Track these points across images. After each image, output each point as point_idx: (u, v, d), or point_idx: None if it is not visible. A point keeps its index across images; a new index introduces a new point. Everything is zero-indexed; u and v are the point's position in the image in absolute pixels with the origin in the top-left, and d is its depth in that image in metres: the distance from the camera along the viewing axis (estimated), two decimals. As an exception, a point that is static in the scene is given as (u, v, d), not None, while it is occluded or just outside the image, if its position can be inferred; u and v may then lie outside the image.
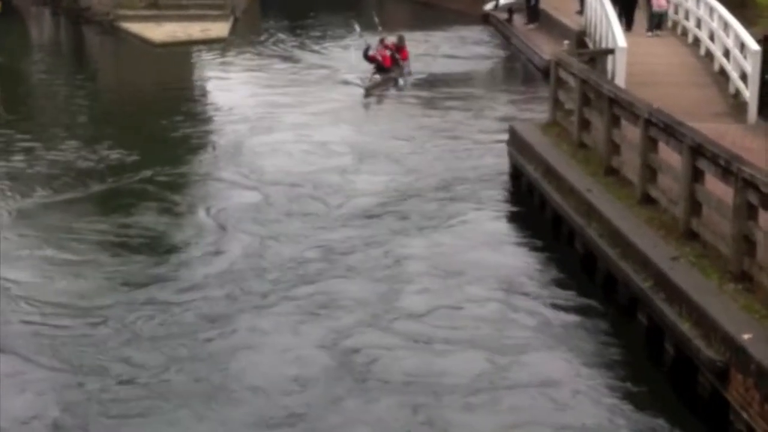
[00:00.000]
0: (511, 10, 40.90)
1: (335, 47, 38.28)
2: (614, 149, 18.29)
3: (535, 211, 19.81)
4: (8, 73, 34.42)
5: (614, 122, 18.21)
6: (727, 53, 24.91)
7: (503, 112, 28.29)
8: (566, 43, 26.10)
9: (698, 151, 14.73)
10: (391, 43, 32.25)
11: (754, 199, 13.23)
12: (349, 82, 31.59)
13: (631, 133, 17.66)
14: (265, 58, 36.98)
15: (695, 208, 15.01)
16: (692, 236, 14.99)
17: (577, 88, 20.08)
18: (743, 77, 23.24)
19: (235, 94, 30.94)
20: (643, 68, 24.83)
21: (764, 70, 22.84)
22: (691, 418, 12.80)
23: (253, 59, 36.87)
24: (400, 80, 31.77)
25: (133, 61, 39.11)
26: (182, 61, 37.80)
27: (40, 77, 35.00)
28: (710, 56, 26.77)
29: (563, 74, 21.33)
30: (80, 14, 44.49)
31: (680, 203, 15.27)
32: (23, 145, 24.81)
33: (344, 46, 38.06)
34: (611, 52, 24.50)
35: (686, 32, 30.00)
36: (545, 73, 28.99)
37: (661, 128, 16.10)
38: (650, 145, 16.55)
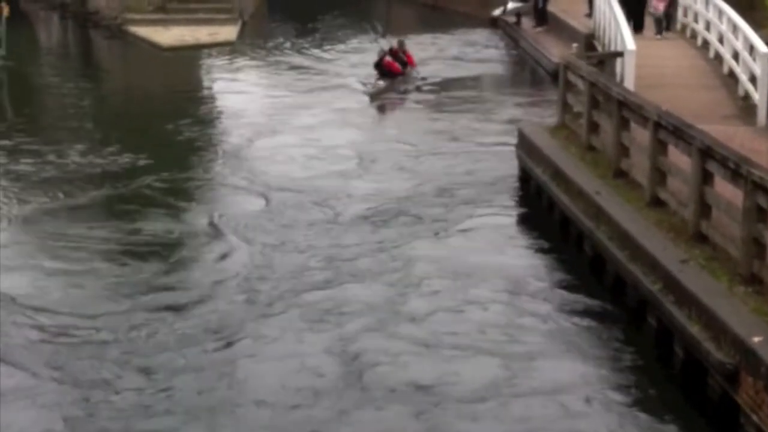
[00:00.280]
0: (519, 14, 40.86)
1: (343, 51, 38.25)
2: (623, 152, 18.25)
3: (543, 213, 19.77)
4: (17, 76, 34.43)
5: (623, 125, 18.18)
6: (736, 56, 24.87)
7: (511, 114, 28.24)
8: (575, 45, 26.11)
9: (707, 153, 14.69)
10: (393, 49, 32.06)
11: (763, 201, 13.19)
12: (356, 86, 31.55)
13: (640, 135, 17.63)
14: (272, 61, 36.97)
15: (705, 210, 14.96)
16: (702, 239, 14.95)
17: (586, 90, 20.04)
18: (752, 80, 23.18)
19: (242, 98, 30.92)
20: (652, 71, 24.78)
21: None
22: (700, 421, 12.75)
23: (260, 63, 36.87)
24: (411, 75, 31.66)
25: (140, 65, 39.12)
26: (190, 65, 37.81)
27: (48, 81, 35.01)
28: (719, 59, 26.74)
29: (572, 77, 21.30)
30: (88, 18, 44.52)
31: (690, 206, 15.24)
32: (30, 148, 24.79)
33: (352, 49, 38.07)
34: (620, 54, 24.47)
35: (695, 35, 29.96)
36: (554, 76, 28.94)
37: (670, 131, 16.07)
38: (659, 147, 16.51)
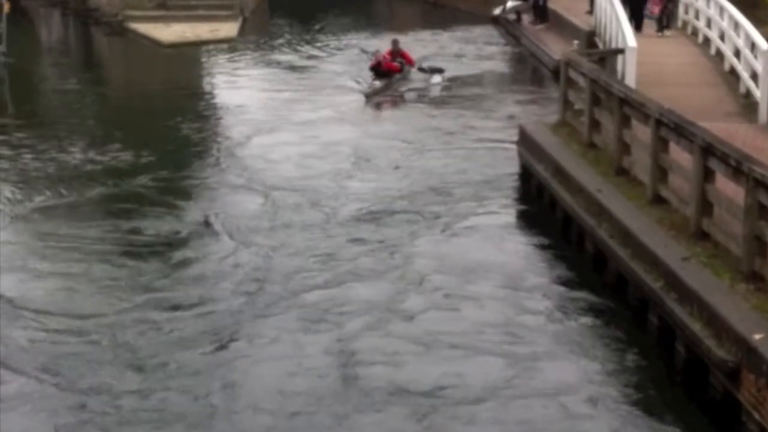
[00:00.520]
0: (518, 12, 40.91)
1: (343, 48, 38.24)
2: (625, 149, 18.23)
3: (545, 211, 19.76)
4: (17, 73, 34.41)
5: (624, 122, 18.16)
6: (737, 53, 24.85)
7: (513, 112, 28.23)
8: (576, 43, 26.09)
9: (709, 150, 14.67)
10: (387, 51, 31.67)
11: (765, 198, 13.17)
12: (356, 84, 31.48)
13: (641, 132, 17.61)
14: (273, 58, 36.96)
15: (706, 208, 14.95)
16: (703, 236, 14.93)
17: (587, 88, 20.03)
18: (754, 77, 23.17)
19: (242, 95, 30.88)
20: (653, 68, 24.76)
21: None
22: (702, 418, 12.74)
23: (261, 60, 36.86)
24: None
25: (141, 61, 39.12)
26: (191, 61, 37.82)
27: (48, 78, 35.02)
28: (720, 56, 26.72)
29: (573, 74, 21.28)
30: (89, 15, 44.54)
31: (691, 203, 15.22)
32: (29, 145, 24.77)
33: (352, 47, 38.05)
34: (621, 51, 24.45)
35: (696, 32, 29.94)
36: (555, 73, 28.94)
37: (671, 128, 16.05)
38: (661, 144, 16.50)
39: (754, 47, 23.41)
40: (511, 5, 41.22)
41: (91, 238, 18.47)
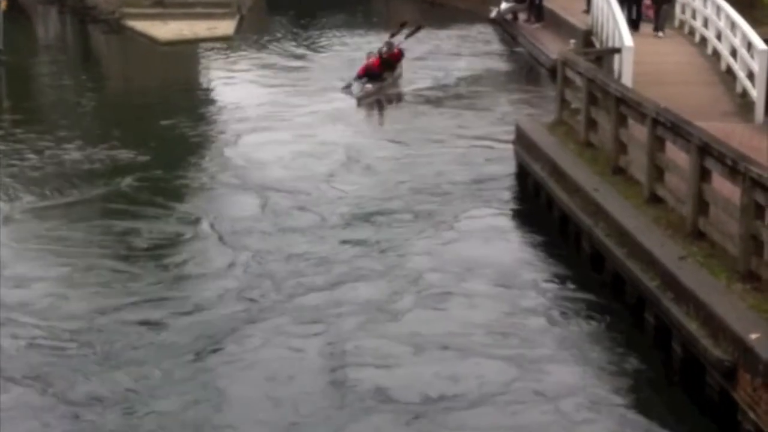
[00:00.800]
0: (514, 13, 40.90)
1: (340, 47, 38.20)
2: (621, 148, 18.25)
3: (541, 210, 19.77)
4: (14, 71, 34.37)
5: (621, 121, 18.18)
6: (734, 53, 24.87)
7: (509, 110, 28.20)
8: (573, 42, 26.08)
9: (705, 150, 14.70)
10: (377, 55, 30.90)
11: (761, 198, 13.20)
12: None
13: (638, 132, 17.63)
14: (270, 57, 36.90)
15: (703, 207, 14.97)
16: (700, 236, 14.96)
17: (583, 87, 20.04)
18: (750, 77, 23.20)
19: (239, 93, 30.77)
20: (649, 67, 24.77)
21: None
22: (698, 418, 12.77)
23: (258, 58, 36.79)
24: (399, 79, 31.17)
25: (138, 59, 39.06)
26: (188, 59, 37.76)
27: (45, 75, 34.93)
28: (717, 55, 26.74)
29: (570, 73, 21.30)
30: (86, 12, 44.47)
31: (688, 202, 15.24)
32: (25, 143, 24.65)
33: (350, 45, 38.00)
34: (618, 51, 24.46)
35: (693, 31, 29.95)
36: (552, 72, 28.93)
37: (668, 127, 16.07)
38: (657, 144, 16.52)
39: (750, 47, 23.45)
40: (505, 7, 41.22)
41: (82, 239, 18.30)
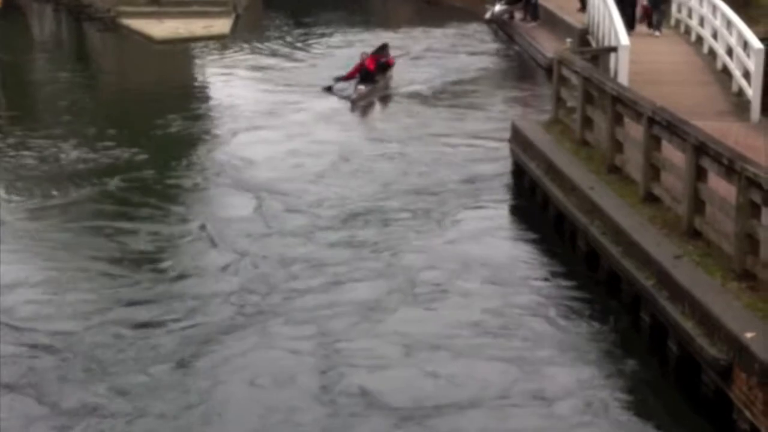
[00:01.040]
0: (511, 12, 40.92)
1: (336, 46, 38.18)
2: (617, 147, 18.24)
3: (537, 208, 19.76)
4: (9, 69, 34.40)
5: (617, 120, 18.17)
6: (730, 51, 24.87)
7: (505, 109, 28.23)
8: (569, 40, 26.03)
9: (701, 149, 14.69)
10: (371, 55, 30.62)
11: (757, 197, 13.19)
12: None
13: (634, 131, 17.62)
14: (266, 56, 36.89)
15: (698, 206, 14.96)
16: (695, 234, 14.95)
17: (579, 85, 20.03)
18: (746, 75, 23.19)
19: (234, 92, 30.73)
20: (645, 66, 24.79)
21: (768, 68, 22.82)
22: (694, 417, 12.75)
23: (254, 57, 36.77)
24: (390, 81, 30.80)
25: (134, 58, 39.05)
26: (183, 58, 37.74)
27: (40, 73, 34.95)
28: (713, 54, 26.74)
29: (566, 72, 21.30)
30: (82, 10, 44.49)
31: (683, 201, 15.23)
32: (19, 142, 24.66)
33: (346, 44, 37.98)
34: (614, 50, 24.45)
35: (689, 30, 29.95)
36: (548, 70, 28.93)
37: (664, 126, 16.06)
38: (653, 143, 16.51)
39: (746, 46, 23.43)
40: (499, 9, 41.22)
41: (72, 240, 18.21)
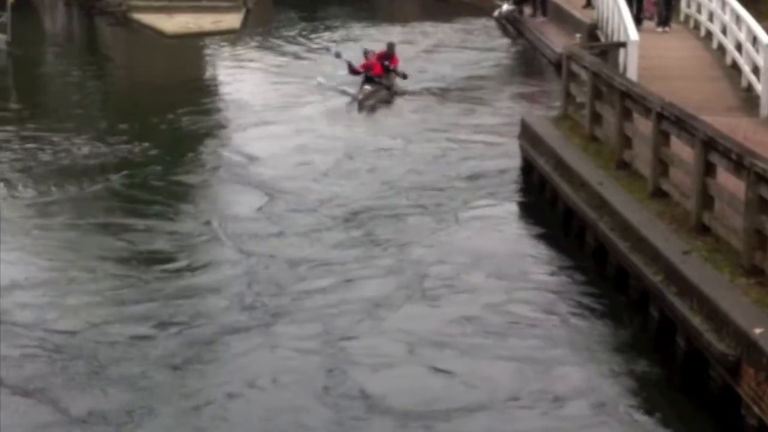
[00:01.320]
0: (520, 7, 40.91)
1: (345, 41, 38.17)
2: (626, 142, 18.26)
3: (546, 204, 19.79)
4: (21, 63, 34.46)
5: (626, 115, 18.19)
6: (739, 47, 24.87)
7: (514, 105, 28.24)
8: (578, 36, 26.11)
9: (710, 144, 14.71)
10: (378, 53, 30.17)
11: (766, 193, 13.20)
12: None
13: (643, 126, 17.64)
14: (276, 51, 36.92)
15: (707, 201, 14.99)
16: (704, 230, 14.97)
17: (588, 81, 20.05)
18: (755, 71, 23.19)
19: (244, 88, 30.75)
20: (654, 62, 24.80)
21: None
22: (702, 412, 12.78)
23: (264, 52, 36.82)
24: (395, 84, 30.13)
25: (144, 52, 39.14)
26: (193, 53, 37.80)
27: (52, 68, 35.05)
28: (722, 50, 26.73)
29: (575, 67, 21.31)
30: (93, 5, 44.55)
31: (692, 197, 15.26)
32: (31, 136, 24.70)
33: (355, 40, 37.97)
34: (623, 45, 24.48)
35: (698, 26, 29.95)
36: (557, 66, 28.95)
37: (673, 122, 16.09)
38: (662, 138, 16.54)
39: (755, 41, 23.42)
40: (507, 8, 41.16)
41: (77, 237, 18.19)
